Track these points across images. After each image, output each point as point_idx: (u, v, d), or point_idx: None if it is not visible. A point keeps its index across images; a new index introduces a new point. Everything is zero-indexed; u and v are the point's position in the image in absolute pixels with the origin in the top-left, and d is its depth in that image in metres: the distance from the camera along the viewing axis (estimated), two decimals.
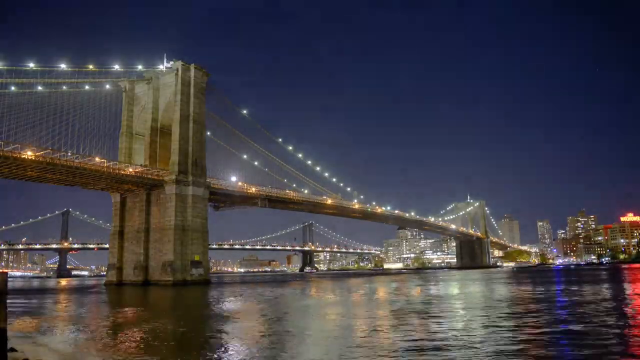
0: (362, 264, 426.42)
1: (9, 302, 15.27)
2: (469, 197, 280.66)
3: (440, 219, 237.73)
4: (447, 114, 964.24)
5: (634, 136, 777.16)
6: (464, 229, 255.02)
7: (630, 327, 21.82)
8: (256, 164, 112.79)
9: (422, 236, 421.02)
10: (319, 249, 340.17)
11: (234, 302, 47.23)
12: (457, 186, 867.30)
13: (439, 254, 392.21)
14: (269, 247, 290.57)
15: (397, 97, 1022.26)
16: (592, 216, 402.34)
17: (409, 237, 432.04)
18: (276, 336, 21.49)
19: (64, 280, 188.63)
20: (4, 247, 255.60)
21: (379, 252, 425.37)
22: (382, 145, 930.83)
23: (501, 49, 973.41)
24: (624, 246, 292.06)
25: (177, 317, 32.86)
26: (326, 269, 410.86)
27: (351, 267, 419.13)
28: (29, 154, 75.84)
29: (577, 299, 39.71)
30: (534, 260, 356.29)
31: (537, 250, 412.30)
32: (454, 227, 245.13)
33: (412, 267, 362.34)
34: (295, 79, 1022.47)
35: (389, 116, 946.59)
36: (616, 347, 17.22)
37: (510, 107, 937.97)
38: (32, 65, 78.96)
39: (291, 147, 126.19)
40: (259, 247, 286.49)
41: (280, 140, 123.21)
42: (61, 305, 48.58)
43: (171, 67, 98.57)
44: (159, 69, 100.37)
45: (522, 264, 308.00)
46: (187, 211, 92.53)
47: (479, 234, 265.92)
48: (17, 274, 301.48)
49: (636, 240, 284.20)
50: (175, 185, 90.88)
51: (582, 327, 22.16)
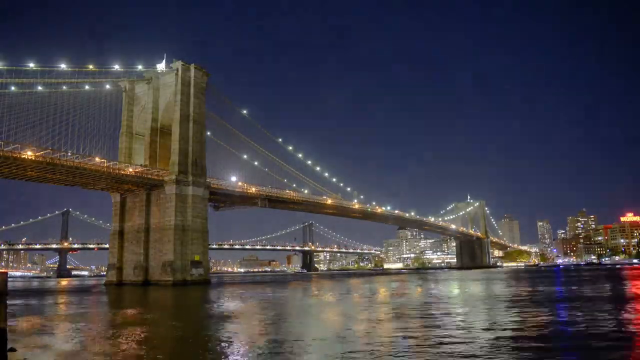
0: (362, 264, 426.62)
1: (8, 302, 15.25)
2: (469, 197, 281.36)
3: (440, 219, 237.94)
4: (447, 114, 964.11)
5: (634, 136, 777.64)
6: (464, 229, 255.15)
7: None
8: (256, 164, 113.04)
9: (422, 236, 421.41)
10: (319, 249, 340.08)
11: (234, 302, 47.19)
12: (457, 186, 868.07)
13: (439, 254, 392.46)
14: (269, 247, 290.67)
15: (398, 97, 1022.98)
16: (592, 216, 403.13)
17: (409, 237, 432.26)
18: (276, 336, 21.46)
19: (64, 280, 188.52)
20: (4, 247, 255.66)
21: (379, 252, 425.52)
22: (382, 145, 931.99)
23: (501, 49, 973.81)
24: (624, 246, 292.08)
25: (177, 318, 32.84)
26: (326, 269, 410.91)
27: (351, 267, 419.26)
28: (29, 154, 75.89)
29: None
30: (534, 260, 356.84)
31: (537, 250, 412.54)
32: (454, 227, 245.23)
33: (412, 267, 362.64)
34: (295, 78, 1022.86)
35: (390, 116, 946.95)
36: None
37: (510, 107, 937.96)
38: (32, 65, 79.07)
39: (291, 147, 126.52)
40: (259, 247, 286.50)
41: (280, 140, 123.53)
42: (61, 305, 48.54)
43: (171, 67, 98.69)
44: (159, 69, 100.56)
45: (530, 265, 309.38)
46: (187, 211, 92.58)
47: (479, 234, 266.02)
48: (17, 274, 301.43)
49: (636, 240, 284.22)
50: (175, 185, 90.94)
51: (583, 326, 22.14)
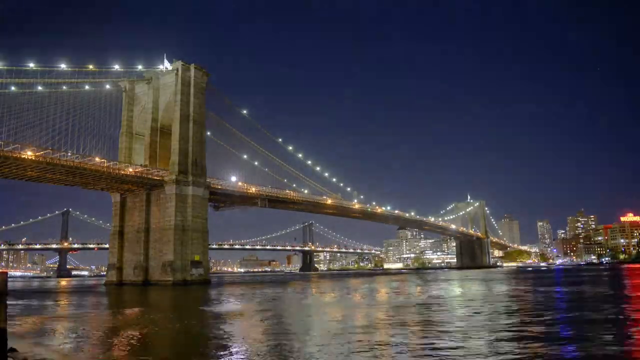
0: (362, 264, 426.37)
1: (8, 302, 15.25)
2: (469, 197, 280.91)
3: (440, 219, 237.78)
4: (447, 115, 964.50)
5: (634, 136, 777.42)
6: (464, 229, 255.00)
7: None
8: (256, 164, 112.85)
9: (422, 236, 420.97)
10: (319, 249, 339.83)
11: (234, 302, 47.21)
12: (457, 186, 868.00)
13: (439, 254, 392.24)
14: (269, 247, 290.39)
15: (398, 97, 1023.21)
16: (592, 216, 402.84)
17: (409, 237, 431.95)
18: (276, 336, 21.46)
19: (64, 280, 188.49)
20: (4, 247, 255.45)
21: (379, 252, 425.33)
22: (383, 145, 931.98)
23: (501, 49, 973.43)
24: (624, 246, 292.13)
25: (177, 317, 32.84)
26: (326, 269, 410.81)
27: (351, 267, 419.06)
28: (29, 154, 75.84)
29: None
30: (534, 260, 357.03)
31: (537, 250, 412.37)
32: (454, 227, 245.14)
33: (412, 267, 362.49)
34: (295, 78, 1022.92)
35: (390, 116, 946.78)
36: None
37: (510, 107, 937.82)
38: (32, 65, 78.98)
39: (291, 147, 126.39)
40: (259, 247, 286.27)
41: (280, 140, 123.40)
42: (61, 305, 48.55)
43: (171, 67, 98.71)
44: (159, 69, 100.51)
45: (533, 264, 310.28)
46: (187, 211, 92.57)
47: (479, 234, 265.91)
48: (17, 274, 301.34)
49: (636, 240, 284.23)
50: (175, 185, 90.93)
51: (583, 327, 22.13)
